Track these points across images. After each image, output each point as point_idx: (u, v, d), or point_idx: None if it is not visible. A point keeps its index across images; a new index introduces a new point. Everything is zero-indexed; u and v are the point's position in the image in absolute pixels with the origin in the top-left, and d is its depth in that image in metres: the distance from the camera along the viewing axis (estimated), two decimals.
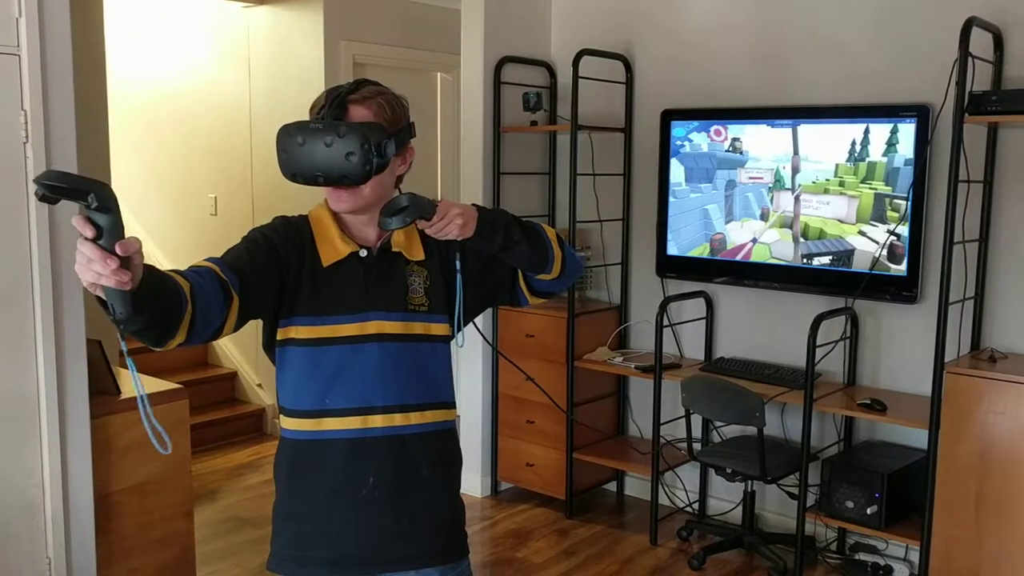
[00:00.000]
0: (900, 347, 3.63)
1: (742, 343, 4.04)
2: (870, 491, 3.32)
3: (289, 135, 1.56)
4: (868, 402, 3.38)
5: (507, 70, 4.29)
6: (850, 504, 3.38)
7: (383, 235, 1.68)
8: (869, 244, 3.54)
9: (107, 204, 1.17)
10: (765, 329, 3.97)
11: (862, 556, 3.65)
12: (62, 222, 2.72)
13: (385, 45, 5.21)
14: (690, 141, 4.00)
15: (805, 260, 3.71)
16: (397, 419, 1.66)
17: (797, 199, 3.69)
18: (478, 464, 4.39)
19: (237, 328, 1.55)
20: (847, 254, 3.60)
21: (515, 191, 4.38)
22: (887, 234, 3.48)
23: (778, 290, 3.86)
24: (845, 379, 3.73)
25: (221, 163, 5.48)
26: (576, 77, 3.94)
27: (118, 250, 1.19)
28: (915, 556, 3.41)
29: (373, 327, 1.65)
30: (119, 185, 4.77)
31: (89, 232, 1.17)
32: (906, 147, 3.42)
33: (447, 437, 1.76)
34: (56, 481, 2.79)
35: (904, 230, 3.45)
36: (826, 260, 3.65)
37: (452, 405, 1.76)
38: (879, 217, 3.51)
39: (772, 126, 3.75)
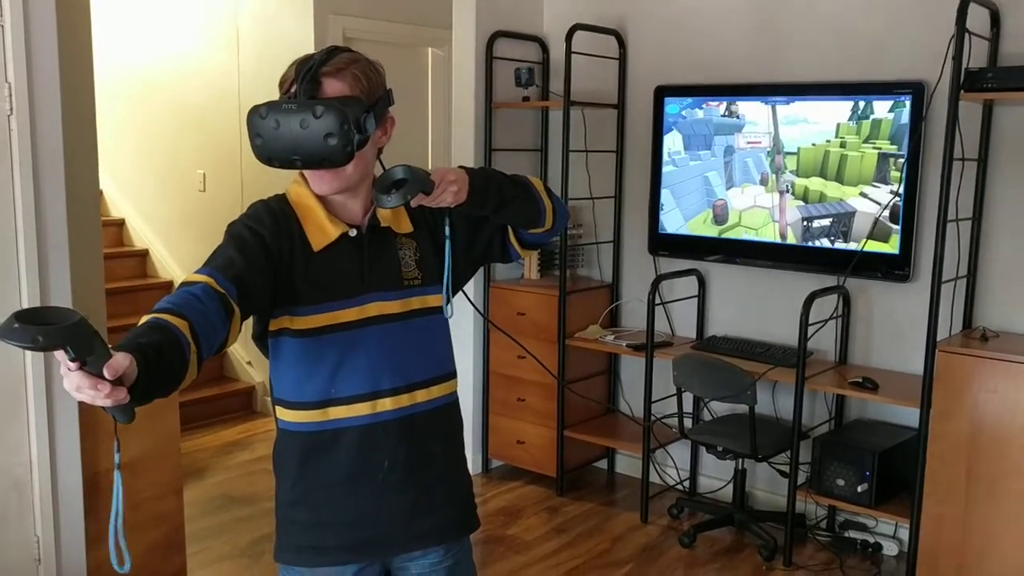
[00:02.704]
0: (892, 326, 3.63)
1: (734, 321, 4.03)
2: (861, 469, 3.33)
3: (261, 117, 1.44)
4: (860, 380, 3.38)
5: (499, 45, 4.25)
6: (841, 482, 3.39)
7: (369, 210, 1.62)
8: (870, 206, 3.51)
9: (87, 350, 1.10)
10: (757, 307, 3.96)
11: (852, 534, 3.67)
12: (49, 194, 2.68)
13: (376, 19, 5.14)
14: (684, 119, 3.97)
15: (805, 223, 3.68)
16: (405, 400, 1.63)
17: (782, 188, 3.68)
18: (469, 441, 4.38)
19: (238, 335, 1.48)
20: (847, 216, 3.58)
21: (507, 168, 4.22)
22: (890, 195, 3.44)
23: (770, 268, 3.85)
24: (837, 357, 3.73)
25: (209, 139, 5.42)
26: (569, 52, 3.90)
27: (107, 374, 1.11)
28: (904, 534, 3.42)
29: (373, 309, 1.60)
30: (106, 161, 4.74)
31: (73, 365, 1.10)
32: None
33: (452, 410, 1.74)
34: (44, 460, 2.77)
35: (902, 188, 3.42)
36: (826, 223, 3.63)
37: (455, 375, 1.74)
38: (882, 178, 3.47)
39: (766, 103, 3.72)
